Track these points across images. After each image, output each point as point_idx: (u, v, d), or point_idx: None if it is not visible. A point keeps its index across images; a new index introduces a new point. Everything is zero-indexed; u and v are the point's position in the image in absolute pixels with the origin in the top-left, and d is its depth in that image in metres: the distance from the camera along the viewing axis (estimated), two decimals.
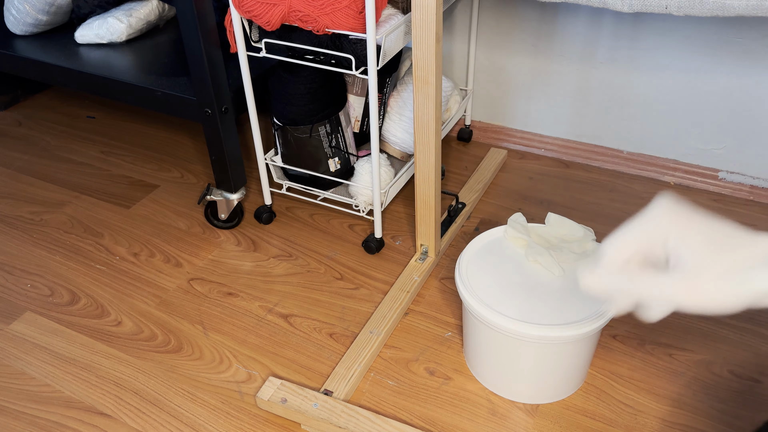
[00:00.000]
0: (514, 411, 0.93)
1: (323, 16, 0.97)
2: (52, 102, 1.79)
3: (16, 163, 1.54)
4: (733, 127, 1.29)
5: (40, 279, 1.20)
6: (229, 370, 1.02)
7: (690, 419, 0.91)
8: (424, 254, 1.17)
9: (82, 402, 0.98)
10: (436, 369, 1.00)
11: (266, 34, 1.07)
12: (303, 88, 1.13)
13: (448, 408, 0.94)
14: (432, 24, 0.89)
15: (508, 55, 1.43)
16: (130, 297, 1.16)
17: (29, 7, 1.35)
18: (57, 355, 1.05)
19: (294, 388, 0.94)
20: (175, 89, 1.18)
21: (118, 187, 1.45)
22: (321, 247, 1.25)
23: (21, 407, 0.97)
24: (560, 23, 1.33)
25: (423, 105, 0.98)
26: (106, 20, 1.34)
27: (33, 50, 1.35)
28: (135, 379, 1.01)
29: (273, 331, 1.08)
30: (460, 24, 1.44)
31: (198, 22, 1.03)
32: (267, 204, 1.31)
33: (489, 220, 1.30)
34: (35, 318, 1.12)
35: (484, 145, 1.53)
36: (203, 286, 1.18)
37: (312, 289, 1.16)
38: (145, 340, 1.07)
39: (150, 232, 1.31)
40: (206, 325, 1.10)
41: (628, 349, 1.02)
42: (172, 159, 1.54)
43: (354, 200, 1.22)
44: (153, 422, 0.94)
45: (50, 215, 1.37)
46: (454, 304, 1.11)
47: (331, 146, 1.20)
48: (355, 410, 0.90)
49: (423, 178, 1.07)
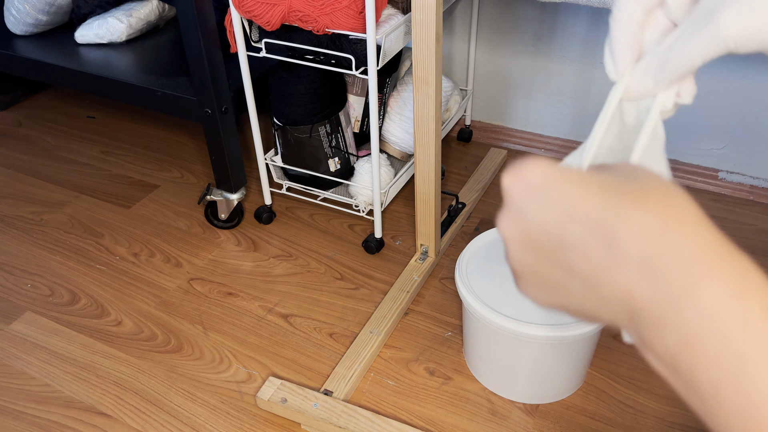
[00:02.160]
0: (514, 411, 0.93)
1: (323, 16, 0.97)
2: (53, 102, 1.79)
3: (16, 163, 1.54)
4: (733, 127, 1.29)
5: (40, 279, 1.20)
6: (229, 370, 1.02)
7: (690, 419, 0.91)
8: (424, 254, 1.17)
9: (82, 402, 0.98)
10: (436, 369, 1.00)
11: (266, 34, 1.07)
12: (303, 88, 1.13)
13: (448, 408, 0.94)
14: (432, 24, 0.89)
15: (508, 55, 1.43)
16: (130, 297, 1.16)
17: (29, 7, 1.35)
18: (57, 355, 1.05)
19: (294, 388, 0.94)
20: (175, 89, 1.18)
21: (118, 187, 1.45)
22: (321, 247, 1.25)
23: (21, 407, 0.97)
24: (561, 23, 1.33)
25: (423, 105, 0.98)
26: (106, 20, 1.34)
27: (33, 50, 1.35)
28: (135, 379, 1.01)
29: (273, 331, 1.08)
30: (460, 24, 1.44)
31: (198, 22, 1.03)
32: (267, 204, 1.31)
33: (489, 220, 1.30)
34: (35, 318, 1.12)
35: (484, 145, 1.53)
36: (203, 286, 1.18)
37: (312, 289, 1.16)
38: (145, 340, 1.07)
39: (150, 232, 1.31)
40: (206, 325, 1.10)
41: (629, 349, 1.02)
42: (172, 159, 1.54)
43: (354, 200, 1.22)
44: (153, 422, 0.94)
45: (50, 215, 1.37)
46: (454, 304, 1.11)
47: (331, 146, 1.20)
48: (355, 410, 0.90)
49: (423, 178, 1.07)
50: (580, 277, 0.31)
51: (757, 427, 0.26)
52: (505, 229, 0.34)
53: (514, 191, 0.33)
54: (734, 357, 0.26)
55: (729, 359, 0.27)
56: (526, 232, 0.32)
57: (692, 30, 0.34)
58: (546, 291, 0.34)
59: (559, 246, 0.31)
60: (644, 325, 0.29)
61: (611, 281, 0.29)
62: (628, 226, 0.29)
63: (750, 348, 0.26)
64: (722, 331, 0.27)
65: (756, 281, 0.27)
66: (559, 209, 0.31)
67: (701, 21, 0.33)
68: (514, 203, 0.33)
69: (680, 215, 0.29)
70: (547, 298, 0.34)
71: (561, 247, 0.31)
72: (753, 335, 0.26)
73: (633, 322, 0.30)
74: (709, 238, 0.28)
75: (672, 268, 0.27)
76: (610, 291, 0.30)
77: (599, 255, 0.29)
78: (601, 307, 0.31)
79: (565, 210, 0.31)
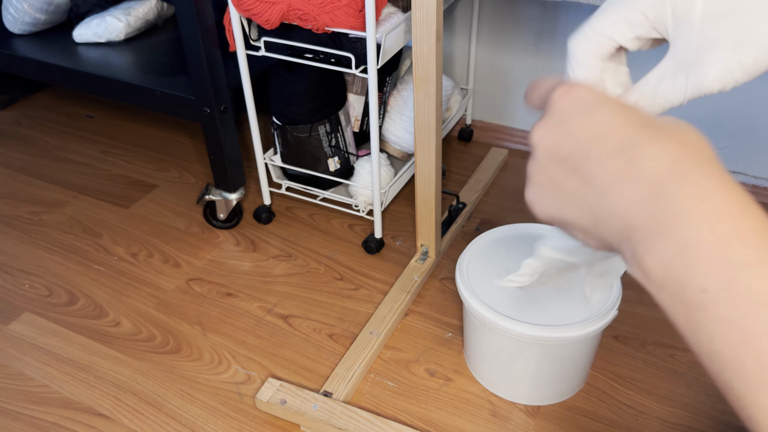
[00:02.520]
0: (515, 412, 0.93)
1: (323, 14, 0.97)
2: (51, 101, 1.79)
3: (14, 163, 1.53)
4: (734, 126, 1.28)
5: (38, 279, 1.20)
6: (228, 371, 1.01)
7: (691, 420, 0.91)
8: (425, 254, 1.16)
9: (81, 403, 0.97)
10: (437, 370, 1.00)
11: (265, 33, 1.07)
12: (302, 87, 1.12)
13: (449, 409, 0.94)
14: (432, 22, 0.89)
15: (509, 54, 1.42)
16: (129, 297, 1.15)
17: (28, 6, 1.34)
18: (55, 356, 1.04)
19: (293, 389, 0.94)
20: (173, 88, 1.17)
21: (116, 187, 1.44)
22: (321, 248, 1.24)
23: (19, 408, 0.96)
24: (561, 22, 1.33)
25: (423, 104, 0.97)
26: (104, 19, 1.34)
27: (31, 49, 1.34)
28: (133, 379, 1.00)
29: (272, 331, 1.08)
30: (460, 22, 1.44)
31: (197, 20, 1.02)
32: (266, 204, 1.30)
33: (490, 220, 1.30)
34: (33, 318, 1.11)
35: (485, 145, 1.53)
36: (202, 286, 1.17)
37: (311, 289, 1.15)
38: (144, 340, 1.07)
39: (149, 232, 1.30)
40: (205, 325, 1.09)
41: (630, 349, 1.01)
42: (171, 159, 1.53)
43: (354, 200, 1.21)
44: (151, 423, 0.94)
45: (49, 215, 1.36)
46: (454, 305, 1.10)
47: (330, 146, 1.19)
48: (354, 411, 0.90)
49: (423, 177, 1.06)
50: (594, 185, 0.33)
51: (740, 334, 0.28)
52: (539, 136, 0.36)
53: (562, 104, 0.35)
54: (727, 265, 0.28)
55: (722, 267, 0.28)
56: (559, 143, 0.35)
57: (673, 80, 0.39)
58: (555, 199, 0.36)
59: (585, 156, 0.34)
60: (640, 239, 0.31)
61: (621, 192, 0.32)
62: (651, 148, 0.32)
63: (744, 258, 0.28)
64: (719, 242, 0.29)
65: (755, 208, 0.30)
66: (598, 126, 0.34)
67: (682, 74, 0.38)
68: (559, 114, 0.35)
69: (698, 152, 0.32)
70: (552, 207, 0.37)
71: (586, 158, 0.34)
72: (748, 246, 0.28)
73: (629, 238, 0.32)
74: (718, 172, 0.31)
75: (680, 187, 0.30)
76: (617, 203, 0.32)
77: (618, 167, 0.32)
78: (602, 220, 0.34)
79: (603, 127, 0.34)
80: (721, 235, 0.29)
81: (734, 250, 0.29)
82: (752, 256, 0.28)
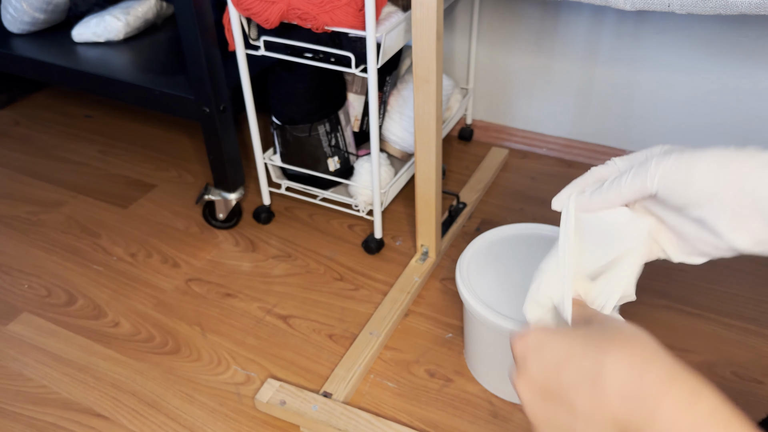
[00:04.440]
0: (515, 413, 0.93)
1: (322, 13, 0.96)
2: (50, 101, 1.78)
3: (13, 163, 1.53)
4: (734, 126, 1.28)
5: (37, 279, 1.19)
6: (227, 371, 1.01)
7: None
8: (425, 255, 1.16)
9: (80, 403, 0.97)
10: (437, 371, 0.99)
11: (265, 32, 1.06)
12: (302, 86, 1.12)
13: (449, 410, 0.93)
14: (432, 22, 0.88)
15: (509, 54, 1.42)
16: (128, 298, 1.15)
17: (27, 5, 1.34)
18: (54, 357, 1.04)
19: (293, 390, 0.94)
20: (173, 88, 1.17)
21: (115, 187, 1.44)
22: (320, 248, 1.24)
23: (18, 409, 0.96)
24: (562, 21, 1.32)
25: (423, 104, 0.97)
26: (103, 18, 1.33)
27: (30, 49, 1.34)
28: (132, 380, 1.00)
29: (272, 332, 1.07)
30: (460, 22, 1.43)
31: (196, 20, 1.02)
32: (266, 204, 1.30)
33: (490, 220, 1.29)
34: (32, 319, 1.11)
35: (486, 145, 1.52)
36: (201, 286, 1.17)
37: (311, 289, 1.15)
38: (143, 341, 1.06)
39: (147, 232, 1.30)
40: (204, 326, 1.09)
41: None
42: (170, 158, 1.53)
43: (354, 200, 1.21)
44: (151, 424, 0.93)
45: (47, 215, 1.36)
46: (454, 305, 1.10)
47: (330, 145, 1.19)
48: (354, 412, 0.89)
49: (423, 177, 1.06)
50: (580, 414, 0.39)
51: None
52: (518, 384, 0.43)
53: (516, 350, 0.44)
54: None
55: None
56: (533, 381, 0.42)
57: (625, 178, 0.47)
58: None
59: (560, 389, 0.40)
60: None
61: (602, 412, 0.38)
62: (605, 366, 0.38)
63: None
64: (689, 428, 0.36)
65: (704, 393, 0.37)
66: (553, 360, 0.41)
67: (633, 176, 0.46)
68: (521, 359, 0.43)
69: (643, 350, 0.38)
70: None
71: (561, 390, 0.40)
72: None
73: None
74: (666, 365, 0.38)
75: (641, 391, 0.37)
76: (602, 420, 0.38)
77: (588, 391, 0.38)
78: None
79: (557, 360, 0.41)
80: (681, 428, 0.36)
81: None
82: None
